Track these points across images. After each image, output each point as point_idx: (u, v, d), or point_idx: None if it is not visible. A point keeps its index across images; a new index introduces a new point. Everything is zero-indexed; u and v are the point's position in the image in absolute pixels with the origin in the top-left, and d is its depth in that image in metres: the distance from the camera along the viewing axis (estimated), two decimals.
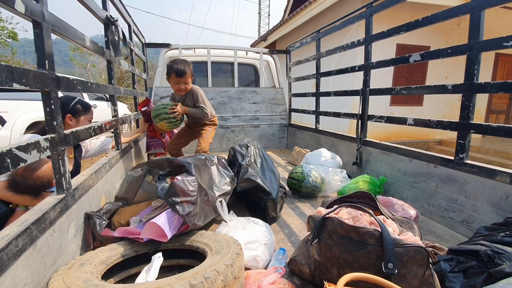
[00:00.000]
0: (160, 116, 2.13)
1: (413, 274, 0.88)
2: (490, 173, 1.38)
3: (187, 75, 2.16)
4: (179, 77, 2.13)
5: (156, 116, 2.14)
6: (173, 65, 2.12)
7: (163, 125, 2.15)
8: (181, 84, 2.17)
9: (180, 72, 2.12)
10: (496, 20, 6.01)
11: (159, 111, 2.14)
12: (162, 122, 2.14)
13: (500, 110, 6.97)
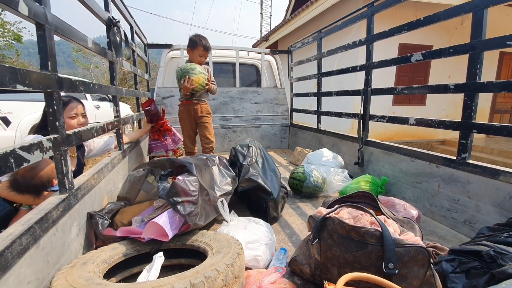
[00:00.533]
0: (197, 72, 2.35)
1: (414, 274, 0.88)
2: (493, 173, 1.37)
3: (209, 52, 2.54)
4: (206, 51, 2.44)
5: (194, 70, 2.34)
6: (201, 40, 2.40)
7: (200, 78, 2.35)
8: (203, 58, 2.46)
9: (207, 48, 2.44)
10: (500, 18, 5.96)
11: (196, 71, 2.35)
12: (198, 75, 2.35)
13: (505, 109, 6.91)
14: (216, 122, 3.72)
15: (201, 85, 2.37)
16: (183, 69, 2.36)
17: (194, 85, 2.32)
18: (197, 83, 2.34)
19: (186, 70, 2.34)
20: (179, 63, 3.67)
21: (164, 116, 2.62)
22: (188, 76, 2.31)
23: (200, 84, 2.36)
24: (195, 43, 2.40)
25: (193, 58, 2.45)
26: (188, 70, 2.34)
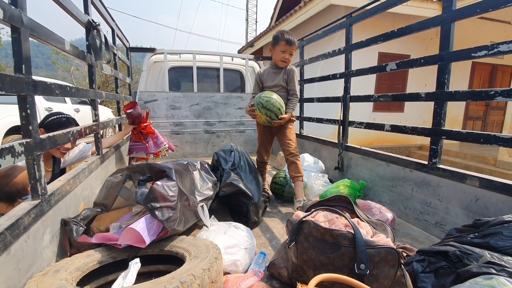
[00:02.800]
0: (268, 109, 1.96)
1: (385, 274, 0.92)
2: (461, 177, 1.45)
3: (295, 47, 2.06)
4: (289, 45, 2.04)
5: (265, 106, 1.96)
6: (284, 34, 2.03)
7: (262, 117, 2.00)
8: (286, 54, 2.06)
9: (291, 41, 2.03)
10: (473, 30, 6.33)
11: (270, 107, 1.96)
12: (263, 114, 1.98)
13: (477, 116, 7.30)
14: (200, 127, 3.71)
15: (265, 122, 2.03)
16: (260, 97, 2.00)
17: (257, 117, 2.03)
18: (260, 120, 2.03)
19: (260, 99, 1.99)
20: (162, 67, 3.65)
21: (148, 118, 2.58)
22: (256, 108, 1.99)
23: (264, 122, 2.03)
24: (277, 39, 2.06)
25: (275, 57, 2.11)
26: (261, 100, 1.97)
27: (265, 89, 2.14)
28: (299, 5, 6.34)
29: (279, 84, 2.12)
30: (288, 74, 2.13)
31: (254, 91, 2.18)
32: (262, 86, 2.18)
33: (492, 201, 1.33)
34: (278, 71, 2.13)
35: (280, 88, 2.12)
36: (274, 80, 2.12)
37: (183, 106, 3.61)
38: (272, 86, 2.12)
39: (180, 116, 3.60)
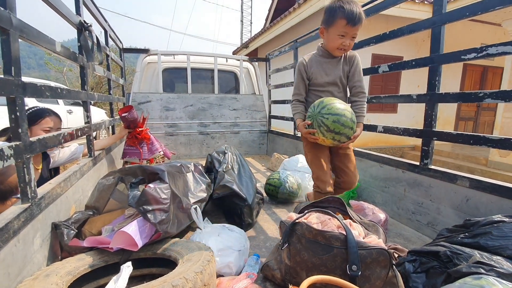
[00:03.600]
0: (337, 133, 1.32)
1: (377, 275, 0.93)
2: (452, 177, 1.47)
3: (361, 25, 1.34)
4: (351, 25, 1.31)
5: (333, 129, 1.31)
6: (343, 6, 1.31)
7: (326, 141, 1.37)
8: (347, 39, 1.36)
9: (355, 19, 1.30)
10: (464, 32, 6.43)
11: (340, 129, 1.31)
12: (328, 139, 1.35)
13: (469, 117, 7.41)
14: (194, 128, 3.70)
15: (330, 145, 1.43)
16: (321, 114, 1.33)
17: (318, 140, 1.40)
18: (324, 143, 1.40)
19: (323, 117, 1.31)
20: (156, 68, 3.63)
21: (144, 123, 2.56)
22: (317, 131, 1.34)
23: (328, 145, 1.44)
24: (333, 14, 1.34)
25: (329, 42, 1.42)
26: (325, 120, 1.31)
27: (313, 87, 1.51)
28: (293, 6, 6.37)
29: (336, 81, 1.47)
30: (351, 64, 1.47)
31: (298, 91, 1.54)
32: (309, 83, 1.52)
33: (483, 201, 1.35)
34: (333, 61, 1.47)
35: (338, 87, 1.49)
36: (330, 74, 1.46)
37: (177, 107, 3.60)
38: (326, 83, 1.47)
39: (174, 118, 3.58)
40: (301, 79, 1.52)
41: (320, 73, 1.48)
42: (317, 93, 1.53)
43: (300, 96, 1.55)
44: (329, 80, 1.48)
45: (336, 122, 1.30)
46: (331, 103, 1.33)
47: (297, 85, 1.55)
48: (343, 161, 1.54)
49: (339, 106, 1.32)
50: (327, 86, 1.49)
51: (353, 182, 1.56)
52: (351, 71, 1.49)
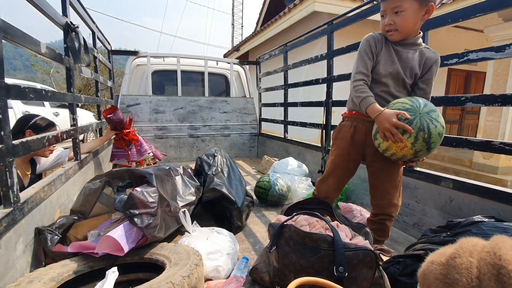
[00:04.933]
0: (430, 148, 1.04)
1: (363, 276, 0.94)
2: (436, 179, 1.51)
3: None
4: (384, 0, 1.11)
5: (432, 142, 1.02)
6: None
7: (406, 151, 1.04)
8: (385, 19, 1.13)
9: None
10: (449, 38, 6.61)
11: (435, 143, 1.04)
12: (412, 149, 1.03)
13: (454, 120, 7.61)
14: (185, 131, 3.67)
15: (397, 155, 1.08)
16: (430, 115, 1.02)
17: (396, 143, 1.04)
18: (394, 151, 1.07)
19: (431, 122, 1.01)
20: (145, 70, 3.60)
21: (131, 125, 2.52)
22: (414, 134, 1.00)
23: (396, 157, 1.10)
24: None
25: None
26: (432, 126, 1.01)
27: (375, 74, 1.19)
28: (284, 11, 6.44)
29: (402, 75, 1.16)
30: (426, 68, 1.17)
31: (364, 70, 1.17)
32: (373, 65, 1.18)
33: (465, 202, 1.39)
34: (406, 50, 1.16)
35: (397, 84, 1.19)
36: (395, 63, 1.16)
37: (167, 110, 3.58)
38: (390, 76, 1.17)
39: (164, 120, 3.55)
40: (368, 56, 1.17)
41: (387, 59, 1.17)
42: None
43: (365, 75, 1.18)
44: (394, 70, 1.16)
45: (440, 136, 1.03)
46: (436, 110, 1.04)
47: (362, 63, 1.18)
48: (386, 182, 1.25)
49: (441, 118, 1.04)
50: (389, 77, 1.18)
51: (390, 212, 1.25)
52: (424, 72, 1.18)
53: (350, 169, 1.33)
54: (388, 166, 1.23)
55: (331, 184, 1.34)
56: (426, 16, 1.11)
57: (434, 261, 0.52)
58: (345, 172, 1.33)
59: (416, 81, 1.19)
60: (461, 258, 0.48)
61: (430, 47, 1.21)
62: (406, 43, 1.16)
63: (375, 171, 1.28)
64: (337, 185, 1.35)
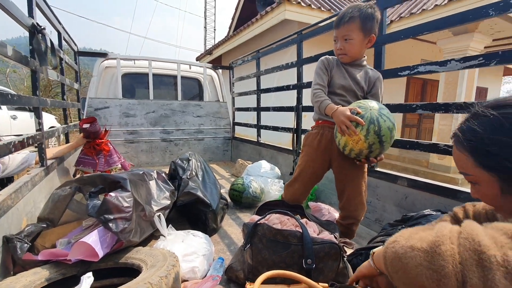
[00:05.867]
0: (381, 143, 1.16)
1: (329, 267, 1.03)
2: (393, 178, 1.67)
3: (351, 26, 1.26)
4: (336, 27, 1.31)
5: (382, 136, 1.14)
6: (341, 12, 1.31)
7: (360, 145, 1.16)
8: (337, 44, 1.32)
9: (337, 20, 1.30)
10: (407, 48, 7.17)
11: (386, 141, 1.17)
12: (365, 143, 1.15)
13: (412, 124, 8.24)
14: (157, 135, 3.62)
15: (350, 152, 1.21)
16: (381, 113, 1.16)
17: (350, 136, 1.17)
18: (349, 146, 1.19)
19: (382, 119, 1.14)
20: (115, 73, 3.51)
21: (105, 136, 2.44)
22: (365, 129, 1.13)
23: (348, 150, 1.21)
24: None
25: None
26: (383, 123, 1.14)
27: (331, 87, 1.37)
28: (256, 17, 6.58)
29: (354, 89, 1.35)
30: (372, 85, 1.38)
31: (321, 82, 1.35)
32: (329, 80, 1.37)
33: (418, 198, 1.56)
34: (353, 69, 1.37)
35: (352, 95, 1.36)
36: (347, 79, 1.35)
37: (138, 113, 3.50)
38: (343, 88, 1.35)
39: (135, 124, 3.48)
40: (324, 71, 1.37)
41: (339, 75, 1.37)
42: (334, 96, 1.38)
43: (321, 87, 1.35)
44: (345, 84, 1.35)
45: (390, 131, 1.16)
46: (389, 110, 1.21)
47: (320, 76, 1.37)
48: (351, 185, 1.36)
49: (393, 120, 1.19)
50: (342, 90, 1.36)
51: (356, 216, 1.38)
52: (369, 88, 1.38)
53: (316, 175, 1.45)
54: (354, 171, 1.35)
55: (298, 188, 1.46)
56: (369, 45, 1.34)
57: (414, 246, 0.52)
58: (310, 178, 1.45)
59: (366, 95, 1.38)
60: (445, 246, 0.49)
61: (373, 67, 1.44)
62: (353, 64, 1.37)
63: (341, 178, 1.40)
64: (303, 189, 1.47)
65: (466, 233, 0.49)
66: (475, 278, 0.44)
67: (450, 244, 0.49)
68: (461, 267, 0.46)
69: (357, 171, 1.35)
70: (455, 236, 0.50)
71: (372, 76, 1.37)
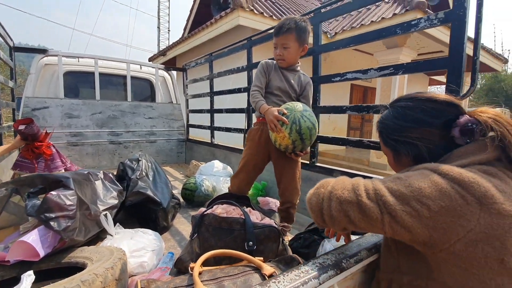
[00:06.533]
0: (302, 140, 1.38)
1: (269, 249, 1.16)
2: (330, 171, 1.89)
3: (285, 36, 1.44)
4: (275, 35, 1.48)
5: (302, 134, 1.36)
6: (279, 22, 1.49)
7: (285, 141, 1.38)
8: (277, 50, 1.49)
9: (276, 29, 1.47)
10: (350, 58, 7.87)
11: (306, 138, 1.39)
12: (289, 139, 1.37)
13: (356, 127, 9.04)
14: (104, 138, 3.45)
15: (280, 146, 1.44)
16: (303, 115, 1.38)
17: (278, 133, 1.39)
18: (277, 142, 1.42)
19: (303, 119, 1.37)
20: (56, 71, 3.27)
21: (46, 139, 2.26)
22: (289, 126, 1.35)
23: (278, 145, 1.44)
24: None
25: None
26: (303, 123, 1.36)
27: (269, 88, 1.56)
28: (211, 21, 6.64)
29: (288, 91, 1.55)
30: (303, 89, 1.59)
31: (259, 84, 1.54)
32: (267, 82, 1.56)
33: None
34: (288, 73, 1.57)
35: (287, 96, 1.56)
36: (283, 81, 1.55)
37: (83, 114, 3.31)
38: (279, 90, 1.55)
39: (79, 126, 3.28)
40: (263, 74, 1.55)
41: (276, 78, 1.55)
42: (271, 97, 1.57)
43: (259, 89, 1.54)
44: (282, 86, 1.54)
45: (309, 130, 1.38)
46: (312, 113, 1.44)
47: (258, 78, 1.55)
48: (286, 174, 1.56)
49: (316, 120, 1.44)
50: (278, 91, 1.54)
51: (292, 200, 1.57)
52: (301, 91, 1.59)
53: (259, 166, 1.63)
54: (289, 161, 1.55)
55: (242, 179, 1.64)
56: (303, 53, 1.57)
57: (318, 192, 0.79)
58: (253, 169, 1.63)
59: (299, 97, 1.61)
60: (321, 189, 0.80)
61: (306, 72, 1.67)
62: (289, 69, 1.58)
63: (279, 168, 1.59)
64: (248, 180, 1.65)
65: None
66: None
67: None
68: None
69: (291, 162, 1.55)
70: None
71: (304, 81, 1.60)
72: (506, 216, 0.54)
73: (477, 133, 0.66)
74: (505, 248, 0.54)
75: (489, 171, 0.61)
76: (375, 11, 6.07)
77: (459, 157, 0.66)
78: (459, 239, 0.55)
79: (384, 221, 0.61)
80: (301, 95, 1.59)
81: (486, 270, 0.55)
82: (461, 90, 1.17)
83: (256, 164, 1.61)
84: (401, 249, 0.71)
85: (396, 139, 0.80)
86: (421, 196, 0.59)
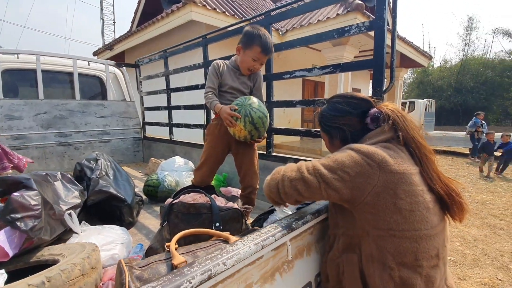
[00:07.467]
0: (256, 128, 1.54)
1: (234, 228, 1.31)
2: (284, 159, 2.10)
3: (270, 56, 1.69)
4: (265, 54, 1.58)
5: (256, 123, 1.52)
6: (261, 37, 1.54)
7: (242, 132, 1.53)
8: (257, 63, 1.62)
9: (268, 50, 1.57)
10: (301, 55, 8.32)
11: (260, 126, 1.55)
12: (246, 130, 1.52)
13: (309, 119, 9.63)
14: (51, 139, 3.24)
15: (240, 137, 1.58)
16: (252, 107, 1.52)
17: (234, 127, 1.54)
18: (236, 134, 1.57)
19: (253, 111, 1.51)
20: None
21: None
22: (241, 120, 1.50)
23: (239, 137, 1.58)
24: (251, 40, 1.55)
25: (242, 62, 1.63)
26: (254, 114, 1.51)
27: (223, 88, 1.69)
28: (161, 15, 6.45)
29: (241, 89, 1.70)
30: (255, 81, 1.75)
31: (212, 85, 1.66)
32: (220, 82, 1.69)
33: None
34: (240, 73, 1.71)
35: (240, 93, 1.71)
36: (235, 81, 1.69)
37: (25, 115, 3.06)
38: (233, 88, 1.69)
39: (21, 128, 3.03)
40: (216, 76, 1.66)
41: (228, 78, 1.67)
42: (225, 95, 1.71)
43: (212, 89, 1.66)
44: (235, 86, 1.68)
45: (261, 119, 1.53)
46: (262, 106, 1.58)
47: (211, 80, 1.67)
48: (245, 162, 1.73)
49: (265, 109, 1.60)
50: (232, 90, 1.69)
51: (253, 185, 1.74)
52: (255, 87, 1.76)
53: (219, 158, 1.77)
54: (247, 150, 1.72)
55: (205, 171, 1.77)
56: None
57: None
58: (214, 161, 1.77)
59: (252, 90, 1.77)
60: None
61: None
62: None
63: (239, 156, 1.75)
64: (209, 172, 1.78)
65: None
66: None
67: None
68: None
69: (249, 149, 1.73)
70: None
71: (255, 74, 1.75)
72: (395, 173, 0.80)
73: (381, 120, 0.91)
74: (396, 195, 0.79)
75: (387, 146, 0.87)
76: (321, 11, 6.52)
77: (370, 138, 0.92)
78: (369, 193, 0.79)
79: (321, 188, 0.82)
80: (253, 87, 1.75)
81: (387, 212, 0.79)
82: (383, 85, 1.45)
83: (217, 156, 1.76)
84: (338, 210, 0.94)
85: (329, 125, 1.04)
86: (343, 166, 0.82)
